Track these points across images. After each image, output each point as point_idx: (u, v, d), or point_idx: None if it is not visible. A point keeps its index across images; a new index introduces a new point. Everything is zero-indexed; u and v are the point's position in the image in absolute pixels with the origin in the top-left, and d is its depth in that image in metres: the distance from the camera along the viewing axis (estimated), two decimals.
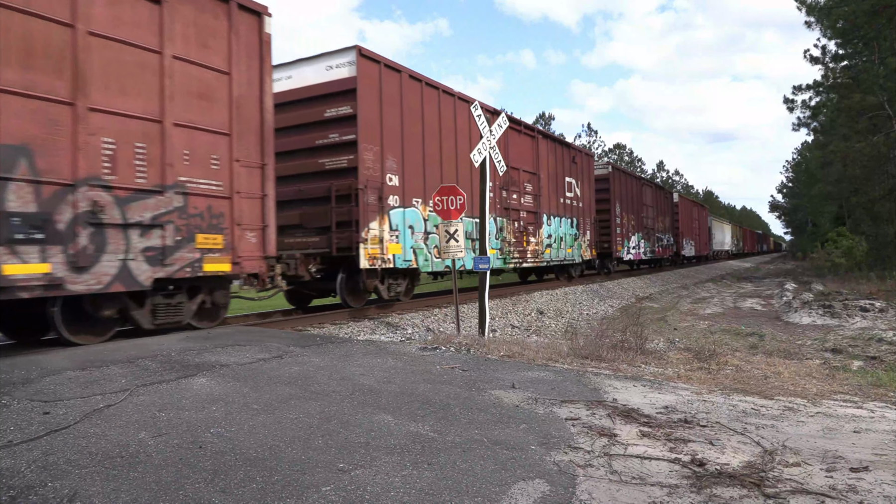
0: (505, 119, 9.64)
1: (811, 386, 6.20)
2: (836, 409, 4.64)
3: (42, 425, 3.52)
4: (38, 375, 4.65)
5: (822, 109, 29.33)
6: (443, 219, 8.98)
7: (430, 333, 9.56)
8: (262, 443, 3.35)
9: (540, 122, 55.45)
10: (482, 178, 8.91)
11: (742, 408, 4.48)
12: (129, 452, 3.14)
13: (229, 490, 2.73)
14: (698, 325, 13.57)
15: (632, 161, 68.59)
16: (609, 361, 6.90)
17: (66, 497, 2.62)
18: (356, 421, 3.82)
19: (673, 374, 6.31)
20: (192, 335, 6.98)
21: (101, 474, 2.86)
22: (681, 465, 3.19)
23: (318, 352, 6.13)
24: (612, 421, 3.99)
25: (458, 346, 6.84)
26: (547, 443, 3.49)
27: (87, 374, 4.73)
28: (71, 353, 5.71)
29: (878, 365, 8.56)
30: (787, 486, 2.90)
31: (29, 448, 3.17)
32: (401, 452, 3.27)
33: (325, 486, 2.79)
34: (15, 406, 3.88)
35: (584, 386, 5.01)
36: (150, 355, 5.54)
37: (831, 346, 10.40)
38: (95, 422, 3.62)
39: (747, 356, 8.68)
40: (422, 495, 2.72)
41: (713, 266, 42.68)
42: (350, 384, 4.77)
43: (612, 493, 2.82)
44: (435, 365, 5.67)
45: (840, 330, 12.45)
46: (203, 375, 4.85)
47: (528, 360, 6.31)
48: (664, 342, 10.32)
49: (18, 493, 2.66)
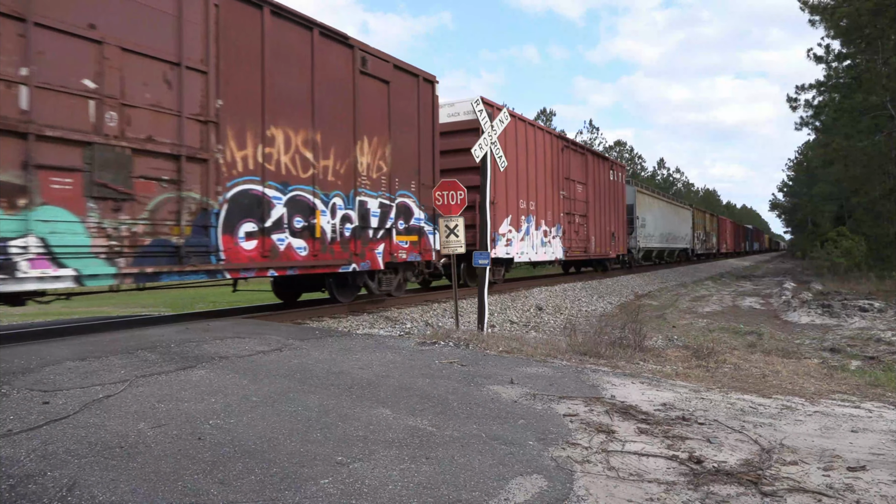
0: (507, 115, 9.62)
1: (809, 385, 6.21)
2: (834, 408, 4.65)
3: (41, 415, 3.53)
4: (37, 365, 4.66)
5: (824, 109, 29.30)
6: (444, 214, 8.97)
7: (429, 328, 9.56)
8: (260, 435, 3.36)
9: (541, 118, 55.34)
10: (483, 173, 8.90)
11: (740, 406, 4.48)
12: (129, 443, 3.15)
13: (228, 481, 2.74)
14: (697, 323, 13.59)
15: (632, 158, 68.48)
16: (607, 358, 6.90)
17: (66, 486, 2.63)
18: (355, 414, 3.82)
19: (671, 372, 6.32)
20: (191, 326, 6.98)
21: (101, 464, 2.87)
22: (678, 462, 3.20)
23: (317, 345, 6.14)
24: (610, 417, 4.00)
25: (457, 342, 6.84)
26: (545, 438, 3.50)
27: (87, 365, 4.74)
28: (71, 343, 5.72)
29: (877, 365, 8.58)
30: (785, 485, 2.91)
31: (28, 437, 3.18)
32: (399, 446, 3.28)
33: (324, 479, 2.80)
34: (14, 395, 3.88)
35: (583, 382, 5.01)
36: (149, 346, 5.54)
37: (830, 345, 10.42)
38: (95, 412, 3.62)
39: (746, 354, 8.69)
40: (420, 489, 2.73)
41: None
42: (349, 378, 4.78)
43: (610, 489, 2.83)
44: (433, 360, 5.68)
45: (839, 329, 12.47)
46: (202, 367, 4.85)
47: (526, 355, 6.32)
48: (663, 339, 10.33)
49: (18, 481, 2.67)
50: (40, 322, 8.30)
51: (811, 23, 26.02)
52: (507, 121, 9.51)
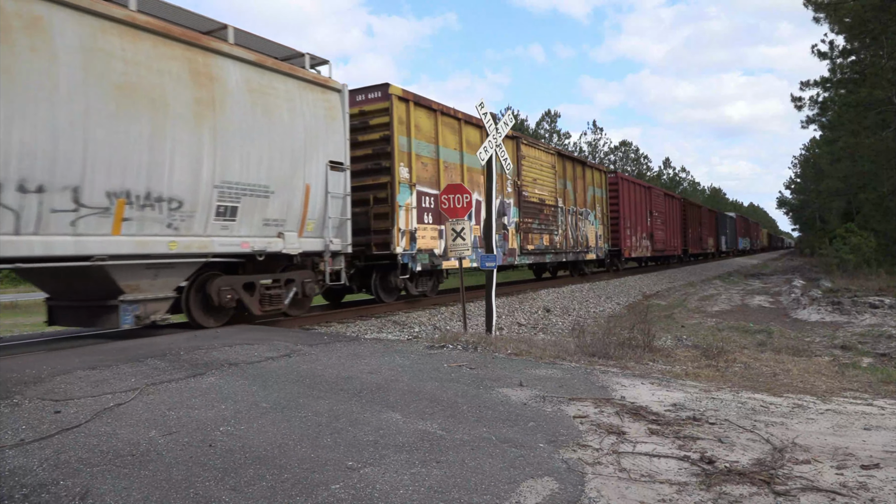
0: (511, 117, 9.63)
1: (820, 383, 6.17)
2: (846, 406, 4.61)
3: (53, 424, 3.55)
4: (48, 374, 4.68)
5: (829, 105, 29.14)
6: (450, 217, 8.98)
7: (437, 332, 9.56)
8: (271, 441, 3.37)
9: (546, 120, 55.26)
10: (488, 176, 8.90)
11: (751, 405, 4.46)
12: (140, 451, 3.16)
13: (239, 488, 2.75)
14: (706, 323, 13.52)
15: (637, 158, 68.24)
16: (617, 359, 6.88)
17: (78, 495, 2.64)
18: (365, 419, 3.83)
19: (681, 372, 6.29)
20: (199, 334, 7.01)
21: (113, 472, 2.88)
22: (690, 462, 3.18)
23: (326, 350, 6.14)
24: (620, 419, 3.98)
25: (466, 345, 6.84)
26: (555, 440, 3.49)
27: (98, 374, 4.76)
28: (81, 352, 5.75)
29: (888, 362, 8.51)
30: (798, 484, 2.89)
31: (41, 446, 3.20)
32: (409, 450, 3.28)
33: (335, 484, 2.80)
34: (27, 405, 3.91)
35: (592, 384, 5.00)
36: (159, 354, 5.57)
37: (840, 342, 10.35)
38: (106, 420, 3.64)
39: (755, 353, 8.65)
40: (431, 493, 2.73)
41: None
42: (358, 382, 4.78)
43: (622, 490, 2.82)
44: (442, 363, 5.67)
45: (849, 327, 12.39)
46: (212, 374, 4.87)
47: (535, 357, 6.30)
48: (672, 339, 10.29)
49: (31, 490, 2.68)
50: (50, 332, 8.35)
51: (815, 19, 25.91)
52: (511, 122, 9.52)
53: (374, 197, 11.05)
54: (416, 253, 11.25)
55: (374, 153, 11.12)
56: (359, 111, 11.14)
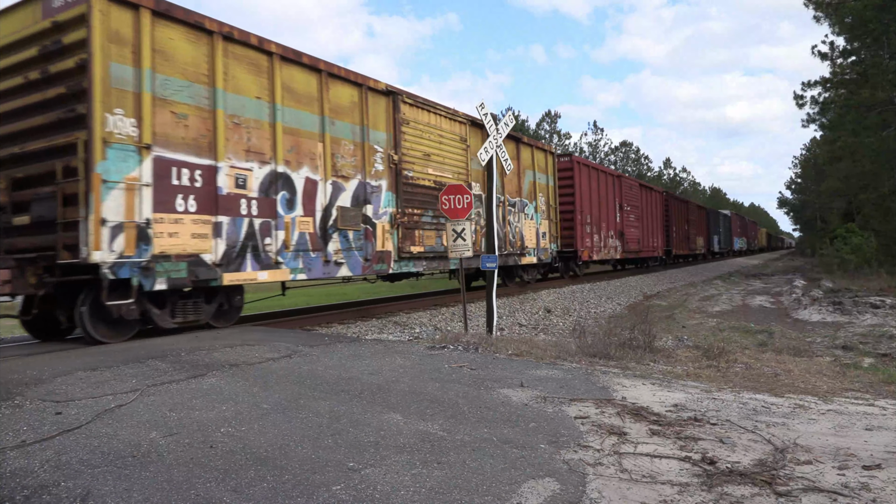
0: (512, 118, 9.63)
1: (822, 383, 6.17)
2: (847, 406, 4.61)
3: (54, 425, 3.55)
4: (49, 376, 4.68)
5: (830, 105, 29.11)
6: (450, 217, 8.98)
7: (438, 332, 9.56)
8: (272, 442, 3.37)
9: (546, 121, 55.28)
10: (489, 176, 8.90)
11: (752, 405, 4.45)
12: (141, 452, 3.16)
13: (240, 489, 2.75)
14: (707, 323, 13.51)
15: (638, 159, 68.20)
16: (617, 360, 6.88)
17: (79, 496, 2.64)
18: (365, 420, 3.82)
19: (682, 372, 6.29)
20: (200, 335, 7.01)
21: (114, 474, 2.88)
22: (691, 463, 3.18)
23: (327, 351, 6.14)
24: (621, 419, 3.98)
25: (466, 345, 6.84)
26: (556, 441, 3.49)
27: (98, 375, 4.76)
28: (81, 353, 5.75)
29: (890, 362, 8.50)
30: (799, 485, 2.88)
31: (42, 448, 3.20)
32: (410, 451, 3.27)
33: (336, 486, 2.80)
34: (28, 406, 3.91)
35: (593, 384, 4.99)
36: (159, 355, 5.57)
37: (842, 343, 10.35)
38: (107, 422, 3.64)
39: (757, 354, 8.64)
40: (432, 494, 2.72)
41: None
42: (359, 383, 4.78)
43: (623, 491, 2.81)
44: (443, 364, 5.67)
45: (850, 327, 12.37)
46: (213, 375, 4.87)
47: (536, 358, 6.30)
48: (673, 340, 10.28)
49: (32, 492, 2.68)
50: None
51: (816, 19, 25.90)
52: (512, 123, 9.52)
53: (65, 167, 6.77)
54: (153, 261, 6.93)
55: (67, 93, 6.80)
56: (51, 24, 6.96)
